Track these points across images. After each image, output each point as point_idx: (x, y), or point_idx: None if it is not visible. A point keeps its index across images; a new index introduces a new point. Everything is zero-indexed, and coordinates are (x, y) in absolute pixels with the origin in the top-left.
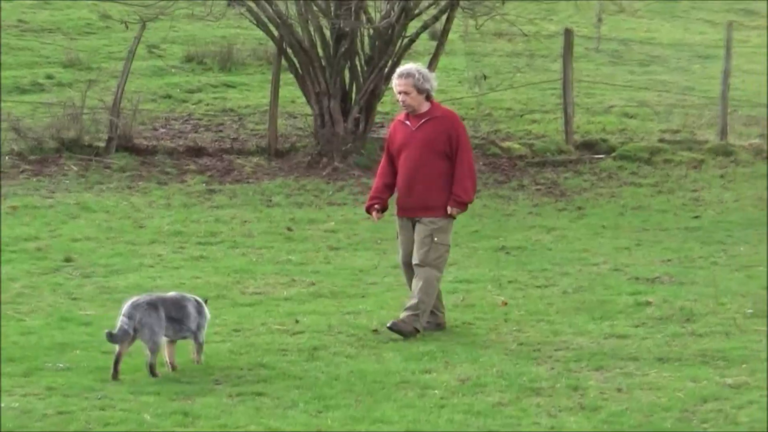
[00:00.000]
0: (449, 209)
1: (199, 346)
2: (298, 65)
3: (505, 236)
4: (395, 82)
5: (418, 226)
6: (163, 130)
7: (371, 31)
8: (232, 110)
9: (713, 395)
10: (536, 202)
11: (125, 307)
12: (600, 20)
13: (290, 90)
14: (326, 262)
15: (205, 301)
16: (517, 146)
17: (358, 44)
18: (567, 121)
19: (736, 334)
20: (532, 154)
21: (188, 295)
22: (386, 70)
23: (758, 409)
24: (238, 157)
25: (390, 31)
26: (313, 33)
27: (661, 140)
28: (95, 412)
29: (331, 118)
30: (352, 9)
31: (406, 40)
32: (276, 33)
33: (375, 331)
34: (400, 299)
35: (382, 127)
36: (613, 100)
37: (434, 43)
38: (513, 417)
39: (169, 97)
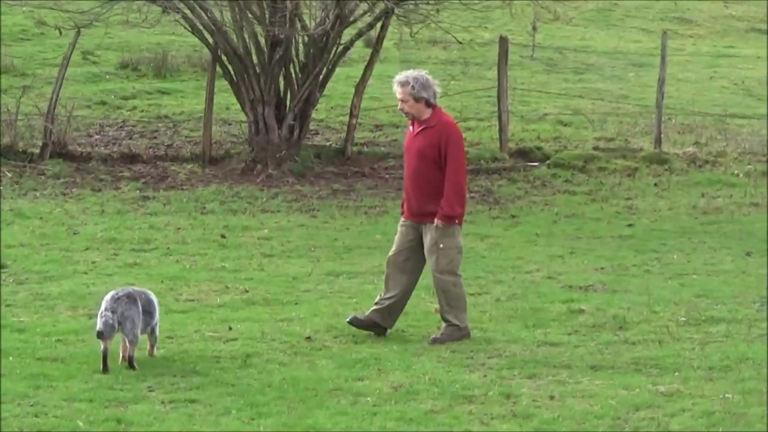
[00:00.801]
0: (436, 221)
1: (155, 340)
2: (232, 72)
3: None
4: (394, 89)
5: (425, 235)
6: (98, 137)
7: (306, 38)
8: (166, 117)
9: (646, 403)
10: (470, 210)
11: (106, 301)
12: (535, 28)
13: (225, 97)
14: (260, 269)
15: None
16: None
17: (293, 51)
18: (501, 129)
19: (669, 342)
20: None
21: (147, 290)
22: (321, 77)
23: (690, 417)
24: (173, 164)
25: (325, 39)
26: (247, 40)
27: (595, 148)
28: (29, 418)
29: (266, 125)
30: (287, 16)
31: (340, 48)
32: (211, 40)
33: (308, 338)
34: (333, 306)
35: (317, 134)
36: (547, 108)
37: (369, 51)
38: (445, 424)
39: (104, 103)
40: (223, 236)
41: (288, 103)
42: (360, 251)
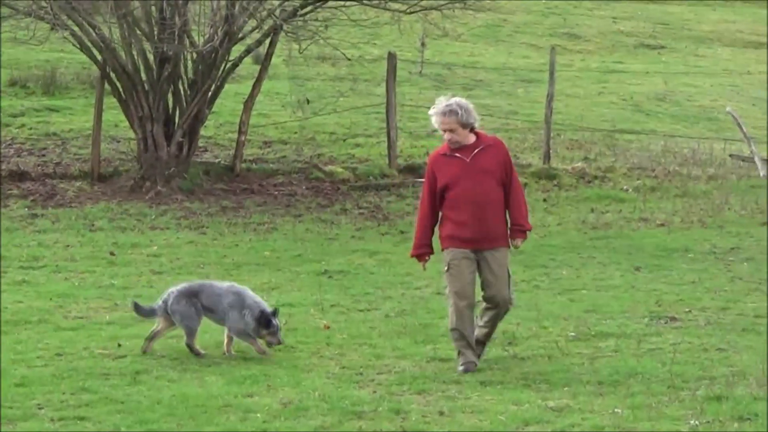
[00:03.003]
0: (515, 241)
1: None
2: (121, 89)
3: (327, 260)
4: (438, 120)
5: (484, 262)
6: None
7: (195, 55)
8: (55, 134)
9: (535, 418)
10: (359, 226)
11: (164, 292)
12: (423, 44)
13: (114, 114)
14: (149, 286)
15: (274, 311)
16: (340, 170)
17: (182, 68)
18: (390, 145)
19: (559, 358)
20: (355, 178)
21: (237, 287)
22: (210, 94)
23: None
24: (61, 182)
25: (213, 55)
26: (136, 57)
27: None
28: None
29: (155, 143)
30: (176, 33)
31: (229, 64)
32: (99, 57)
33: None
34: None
35: (206, 151)
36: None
37: (258, 67)
38: None
39: None
40: (112, 253)
41: (177, 120)
42: (249, 268)
